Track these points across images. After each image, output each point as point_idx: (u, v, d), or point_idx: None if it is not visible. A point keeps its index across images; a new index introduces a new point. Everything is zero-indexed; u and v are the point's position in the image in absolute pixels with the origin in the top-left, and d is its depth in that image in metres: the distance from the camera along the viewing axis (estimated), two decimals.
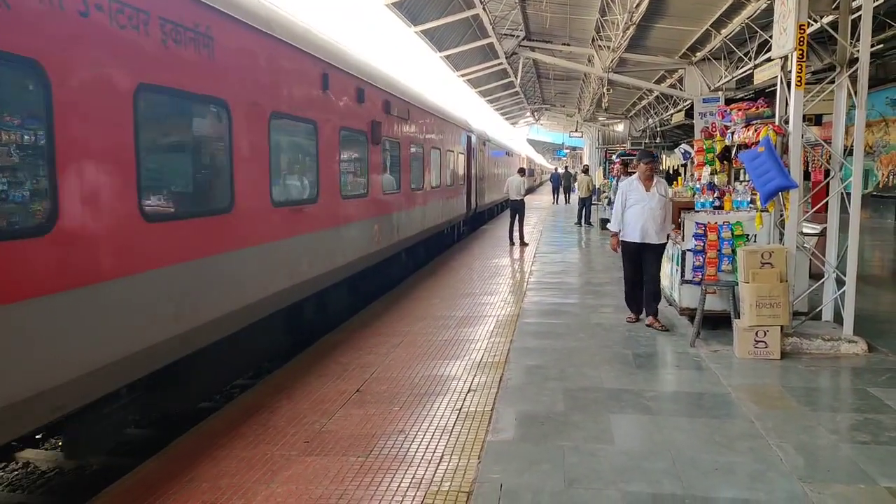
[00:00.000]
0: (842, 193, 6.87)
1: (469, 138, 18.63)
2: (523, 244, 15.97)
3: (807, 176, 7.93)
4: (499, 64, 23.13)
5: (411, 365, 6.28)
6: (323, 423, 4.85)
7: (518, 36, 19.29)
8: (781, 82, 6.81)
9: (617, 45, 16.51)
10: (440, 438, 4.53)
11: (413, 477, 3.97)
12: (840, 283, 6.70)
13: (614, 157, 25.09)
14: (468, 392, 5.46)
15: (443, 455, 4.26)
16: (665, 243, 7.53)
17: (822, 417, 4.81)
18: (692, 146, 10.39)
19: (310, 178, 7.30)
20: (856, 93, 6.49)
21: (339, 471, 4.07)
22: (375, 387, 5.67)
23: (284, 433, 4.70)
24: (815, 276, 7.20)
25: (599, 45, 18.48)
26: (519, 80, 27.05)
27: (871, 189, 20.44)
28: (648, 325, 7.48)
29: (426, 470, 4.06)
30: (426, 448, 4.38)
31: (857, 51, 6.42)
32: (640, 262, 7.51)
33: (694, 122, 17.94)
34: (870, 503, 3.54)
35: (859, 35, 6.37)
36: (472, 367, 6.14)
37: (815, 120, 15.25)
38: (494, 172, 25.62)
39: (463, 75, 23.75)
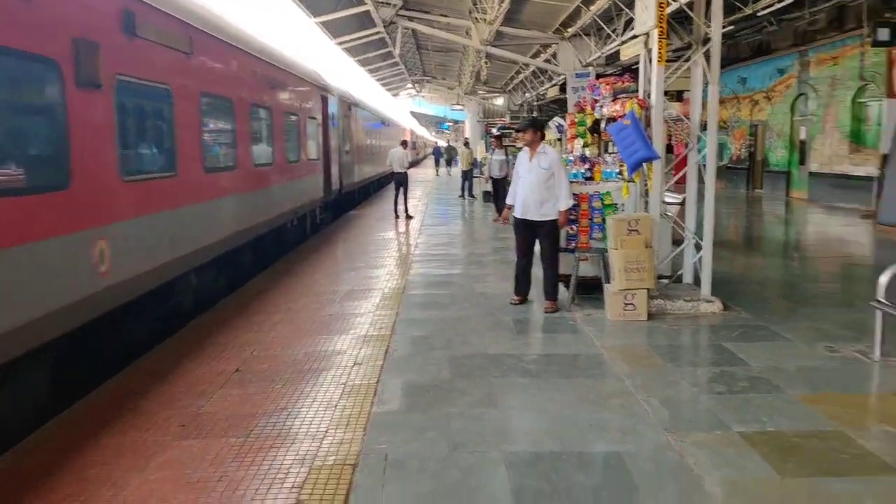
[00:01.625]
0: (699, 165, 7.39)
1: (325, 99, 15.06)
2: (408, 217, 15.98)
3: (671, 149, 8.40)
4: (377, 33, 22.74)
5: (294, 342, 6.13)
6: (200, 406, 4.64)
7: (395, 5, 19.04)
8: (644, 58, 7.18)
9: (493, 18, 16.74)
10: (324, 414, 4.46)
11: (297, 454, 3.88)
12: (698, 248, 7.23)
13: (494, 130, 25.53)
14: (353, 366, 5.41)
15: (327, 430, 4.20)
16: (554, 220, 6.88)
17: (685, 372, 5.20)
18: (566, 119, 10.75)
19: None
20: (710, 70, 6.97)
21: (219, 453, 3.91)
22: (256, 365, 5.48)
23: (157, 418, 4.45)
24: (677, 242, 7.73)
25: (476, 18, 18.66)
26: (398, 51, 26.80)
27: (726, 161, 22.23)
28: (546, 311, 6.95)
29: (310, 446, 3.99)
30: (310, 424, 4.30)
31: (711, 30, 6.87)
32: (531, 240, 7.13)
33: (567, 96, 18.60)
34: (725, 447, 3.88)
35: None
36: (358, 341, 6.09)
37: (677, 96, 16.25)
38: (368, 144, 22.64)
39: (340, 43, 23.16)
